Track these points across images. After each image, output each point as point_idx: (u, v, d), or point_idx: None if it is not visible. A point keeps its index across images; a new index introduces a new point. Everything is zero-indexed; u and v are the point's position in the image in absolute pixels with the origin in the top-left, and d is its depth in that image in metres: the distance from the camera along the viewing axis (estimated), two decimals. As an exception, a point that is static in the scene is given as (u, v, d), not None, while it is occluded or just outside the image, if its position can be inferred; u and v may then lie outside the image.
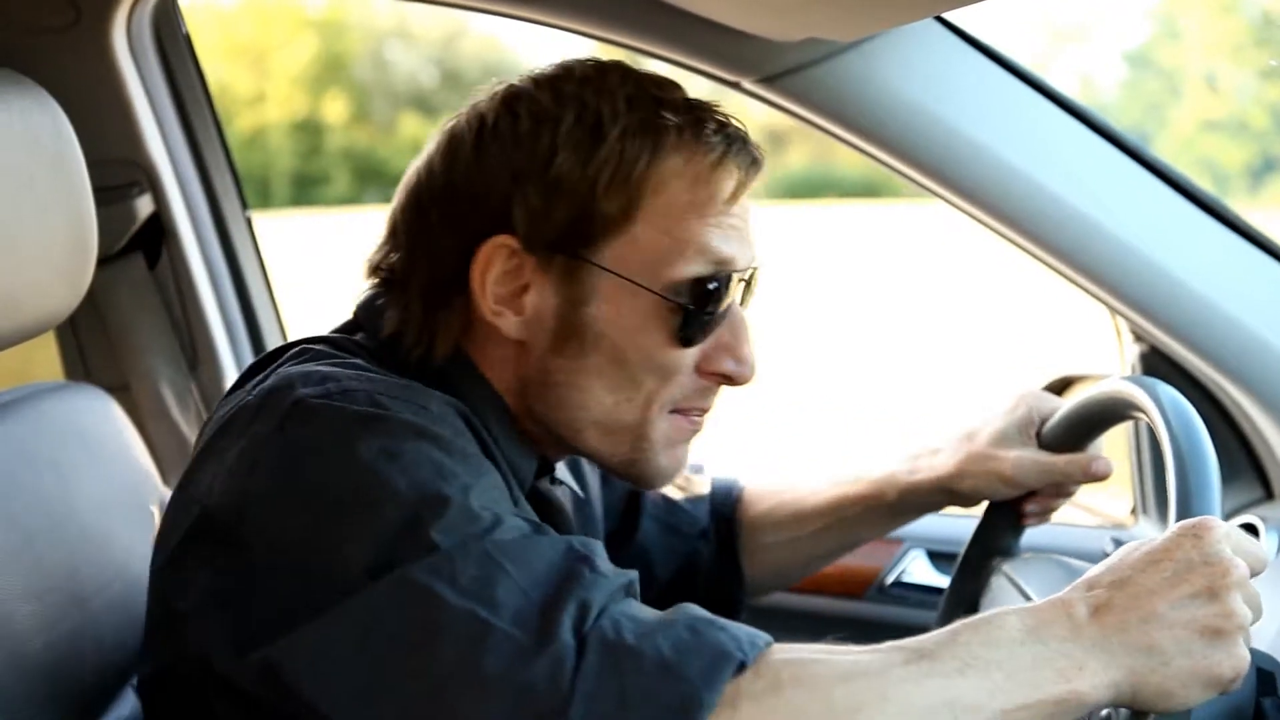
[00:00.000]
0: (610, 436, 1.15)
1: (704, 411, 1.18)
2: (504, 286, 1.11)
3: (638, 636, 0.88)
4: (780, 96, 1.67)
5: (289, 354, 1.14)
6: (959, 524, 1.94)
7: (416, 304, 1.13)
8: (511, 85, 1.14)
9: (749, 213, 1.15)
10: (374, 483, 0.94)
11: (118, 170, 1.96)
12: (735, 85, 1.69)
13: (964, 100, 1.65)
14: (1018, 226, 1.68)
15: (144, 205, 1.98)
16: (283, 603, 0.93)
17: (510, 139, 1.10)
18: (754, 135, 1.17)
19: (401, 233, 1.15)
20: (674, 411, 1.15)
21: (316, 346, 1.13)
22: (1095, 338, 2.08)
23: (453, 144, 1.13)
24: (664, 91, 1.13)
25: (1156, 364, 1.80)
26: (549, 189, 1.09)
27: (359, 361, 1.10)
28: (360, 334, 1.19)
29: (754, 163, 1.14)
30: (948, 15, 1.64)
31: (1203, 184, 1.69)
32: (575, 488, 1.37)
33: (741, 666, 0.88)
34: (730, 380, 1.15)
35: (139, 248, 2.01)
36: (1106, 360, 1.96)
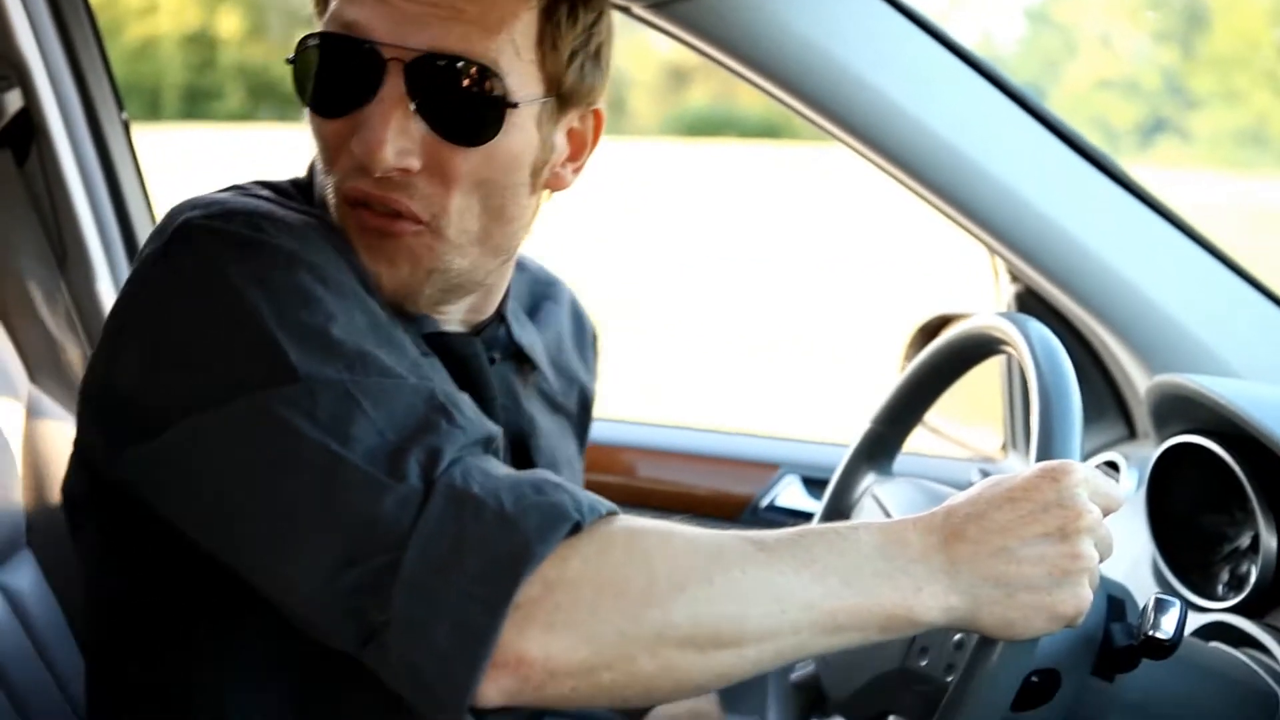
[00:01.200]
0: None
1: (361, 198, 1.08)
2: None
3: (483, 488, 0.91)
4: (670, 23, 1.65)
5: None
6: (835, 451, 1.97)
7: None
8: None
9: None
10: (239, 306, 0.97)
11: (-15, 64, 1.88)
12: (625, 10, 1.67)
13: (856, 38, 1.66)
14: (903, 165, 1.70)
15: (13, 100, 1.90)
16: (148, 411, 0.98)
17: None
18: (657, 72, 1.14)
19: None
20: (350, 202, 1.09)
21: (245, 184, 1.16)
22: (974, 277, 2.12)
23: None
24: None
25: (1031, 304, 1.84)
26: None
27: (264, 193, 1.12)
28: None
29: None
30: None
31: (1094, 140, 1.72)
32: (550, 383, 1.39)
33: (577, 527, 0.90)
34: (359, 164, 1.06)
35: (6, 144, 1.93)
36: (984, 300, 2.00)
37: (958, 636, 1.10)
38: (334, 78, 1.07)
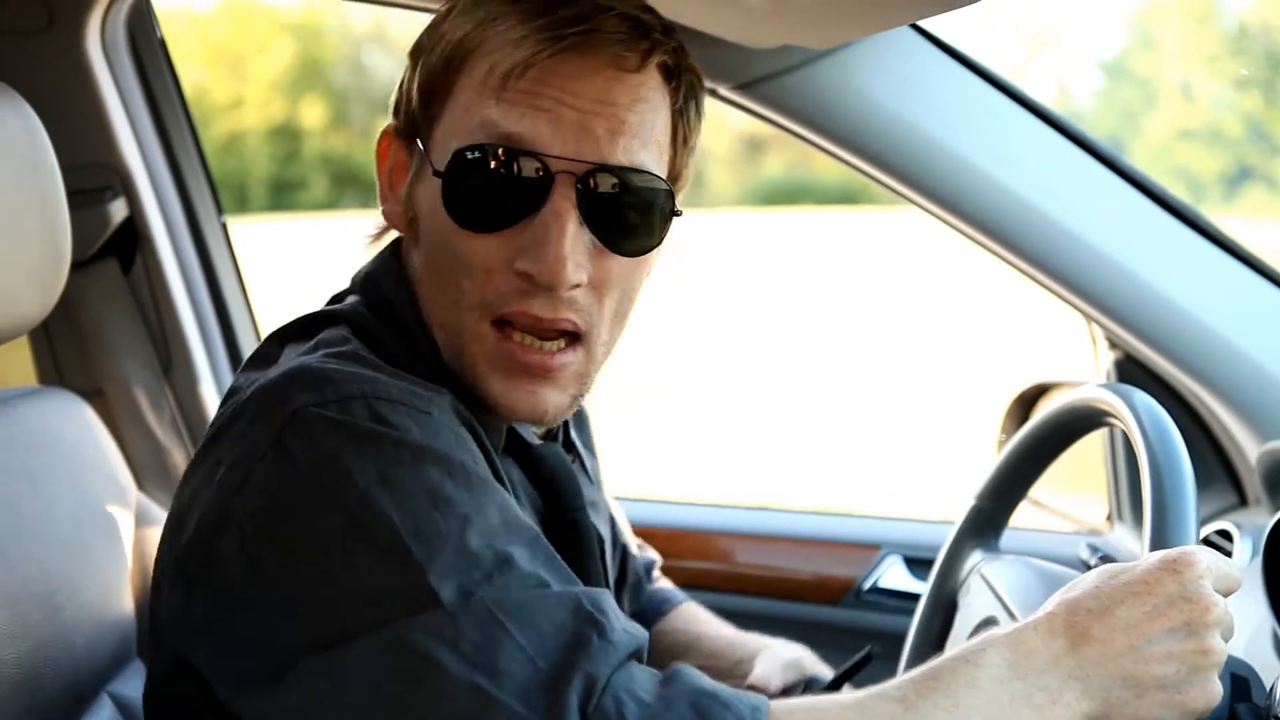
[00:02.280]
0: (450, 347, 1.08)
1: (530, 324, 1.04)
2: (393, 179, 1.12)
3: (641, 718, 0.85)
4: (756, 103, 1.67)
5: (288, 332, 1.11)
6: (936, 530, 1.94)
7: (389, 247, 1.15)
8: None
9: (576, 96, 1.03)
10: (368, 515, 0.89)
11: (92, 174, 1.95)
12: (712, 92, 1.69)
13: (939, 107, 1.66)
14: (992, 233, 1.69)
15: (118, 210, 1.96)
16: (269, 645, 0.90)
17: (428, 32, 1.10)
18: (732, 143, 1.15)
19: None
20: (497, 322, 1.05)
21: (320, 331, 1.09)
22: (1072, 344, 2.09)
23: None
24: None
25: (1131, 371, 1.81)
26: (411, 65, 1.08)
27: (357, 350, 1.04)
28: (355, 299, 1.15)
29: (578, 38, 1.02)
30: (923, 23, 1.65)
31: (1177, 192, 1.70)
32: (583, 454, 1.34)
33: None
34: (531, 280, 1.02)
35: (113, 252, 1.99)
36: (1082, 367, 1.97)
37: None
38: (494, 191, 1.03)
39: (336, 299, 1.17)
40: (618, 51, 1.03)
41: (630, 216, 1.04)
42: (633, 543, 1.50)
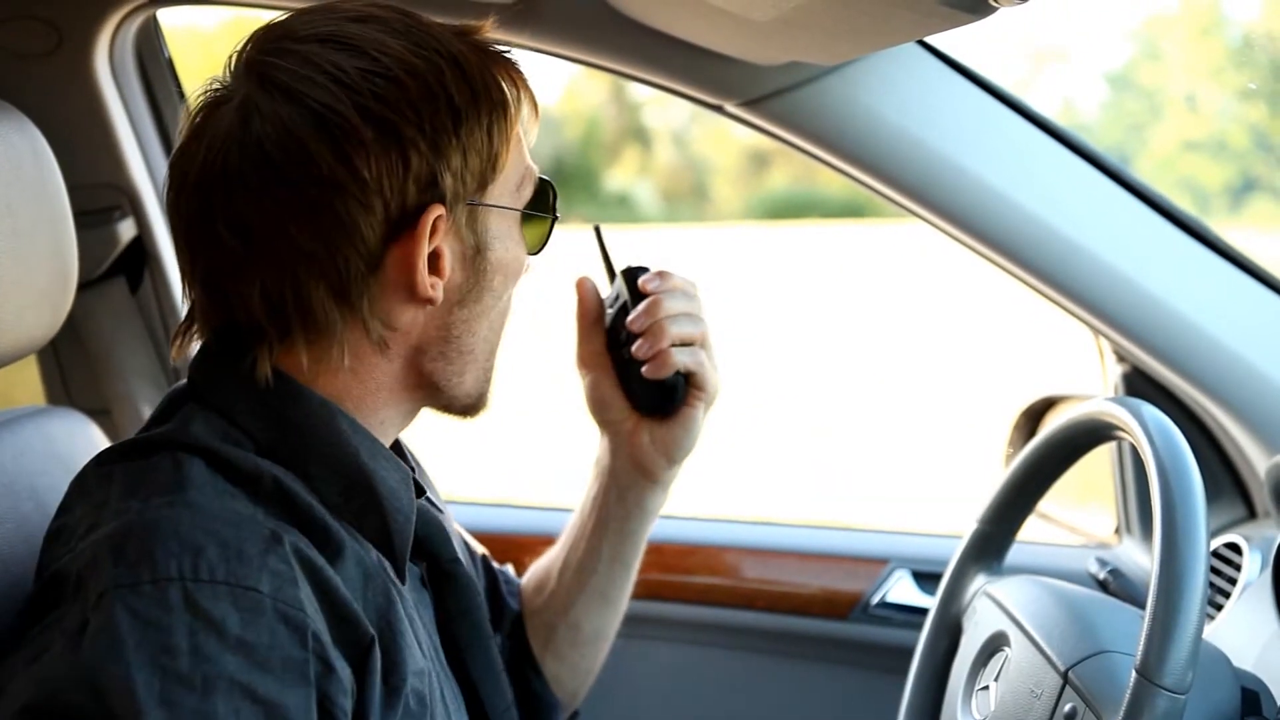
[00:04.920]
0: (482, 372, 1.17)
1: None
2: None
3: None
4: (763, 119, 1.68)
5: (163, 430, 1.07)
6: (944, 544, 1.94)
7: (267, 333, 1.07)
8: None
9: None
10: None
11: (100, 194, 1.95)
12: (718, 109, 1.70)
13: (945, 123, 1.66)
14: (999, 248, 1.69)
15: (126, 229, 1.97)
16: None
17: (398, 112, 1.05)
18: (737, 158, 1.18)
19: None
20: None
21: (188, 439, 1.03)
22: (1078, 358, 2.09)
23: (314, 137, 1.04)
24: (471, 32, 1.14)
25: (1139, 384, 1.81)
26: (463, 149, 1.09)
27: (207, 481, 1.00)
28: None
29: None
30: (929, 39, 1.65)
31: (1183, 204, 1.71)
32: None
33: None
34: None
35: (121, 272, 2.00)
36: (1089, 380, 1.97)
37: (1068, 708, 1.09)
38: None
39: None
40: None
41: None
42: (473, 545, 1.48)
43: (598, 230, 1.40)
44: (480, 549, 1.48)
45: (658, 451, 1.36)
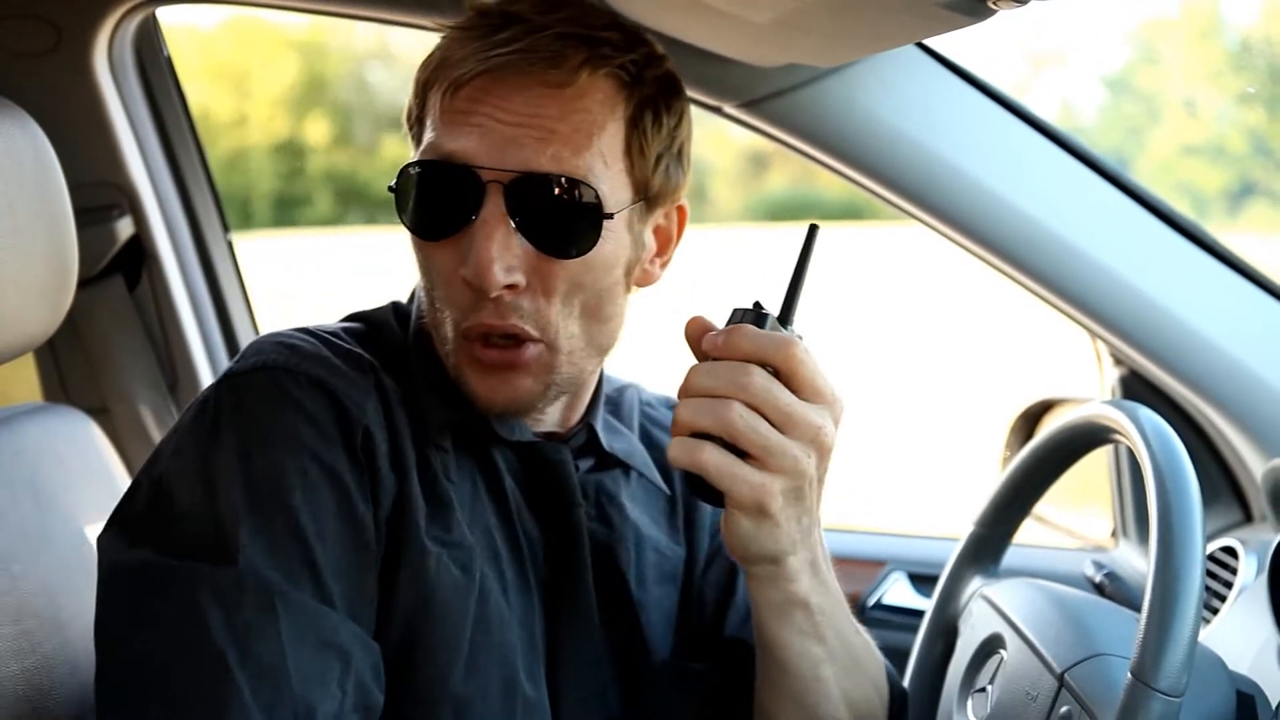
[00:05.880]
0: (442, 350, 1.18)
1: (484, 334, 1.13)
2: None
3: None
4: (762, 121, 1.68)
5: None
6: (941, 546, 1.94)
7: None
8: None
9: (506, 111, 1.10)
10: (245, 471, 1.03)
11: (98, 193, 1.95)
12: (717, 110, 1.70)
13: (944, 125, 1.66)
14: (997, 249, 1.69)
15: (124, 227, 1.97)
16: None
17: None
18: (736, 159, 1.16)
19: None
20: (466, 338, 1.14)
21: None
22: (1076, 360, 2.09)
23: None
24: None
25: (1136, 387, 1.81)
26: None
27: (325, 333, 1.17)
28: None
29: (505, 59, 1.10)
30: (928, 41, 1.65)
31: (1181, 208, 1.71)
32: (660, 484, 1.34)
33: None
34: (470, 286, 1.10)
35: (119, 270, 2.00)
36: (1087, 383, 1.97)
37: (1064, 710, 1.09)
38: (435, 202, 1.12)
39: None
40: (546, 69, 1.10)
41: (559, 219, 1.10)
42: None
43: (812, 230, 1.20)
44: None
45: (729, 539, 1.09)
